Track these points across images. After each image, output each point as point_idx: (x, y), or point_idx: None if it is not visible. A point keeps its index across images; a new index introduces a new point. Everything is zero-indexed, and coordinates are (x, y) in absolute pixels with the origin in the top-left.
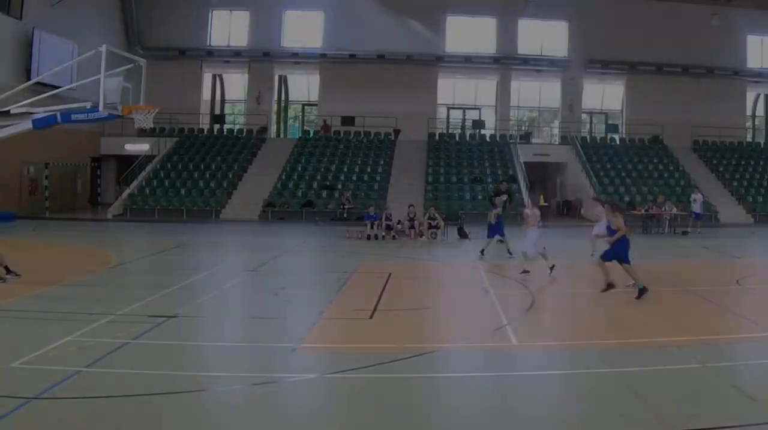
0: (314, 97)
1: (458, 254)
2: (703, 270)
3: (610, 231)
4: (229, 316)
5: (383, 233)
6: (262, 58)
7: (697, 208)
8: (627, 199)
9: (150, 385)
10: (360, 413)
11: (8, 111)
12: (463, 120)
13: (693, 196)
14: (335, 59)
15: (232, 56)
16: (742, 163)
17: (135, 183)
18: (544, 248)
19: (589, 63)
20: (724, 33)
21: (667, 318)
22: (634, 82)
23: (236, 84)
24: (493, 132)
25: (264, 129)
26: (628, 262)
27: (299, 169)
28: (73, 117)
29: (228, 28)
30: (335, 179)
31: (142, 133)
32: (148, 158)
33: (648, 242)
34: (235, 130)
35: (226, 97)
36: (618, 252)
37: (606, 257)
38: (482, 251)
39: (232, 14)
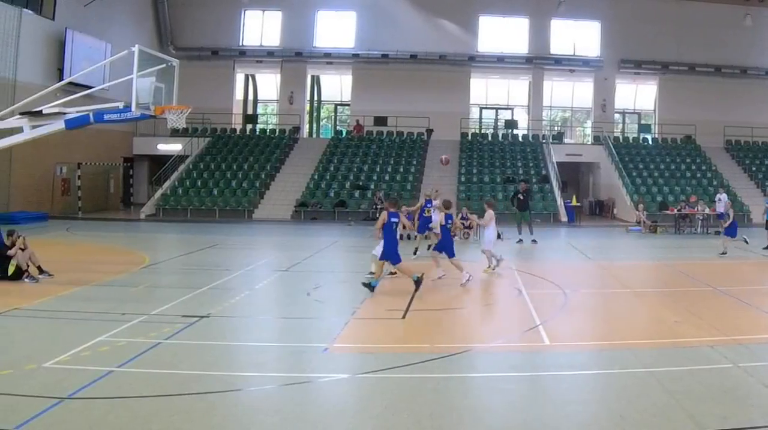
0: (347, 97)
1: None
2: (735, 270)
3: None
4: (262, 316)
5: (416, 233)
6: (295, 58)
7: (720, 207)
8: (660, 198)
9: (182, 385)
10: (392, 413)
11: (41, 111)
12: (496, 120)
13: (718, 195)
14: (368, 59)
15: (264, 56)
16: None
17: (167, 183)
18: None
19: (622, 63)
20: (757, 33)
21: (700, 318)
22: (667, 82)
23: (269, 84)
24: (525, 132)
25: (296, 129)
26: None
27: (332, 169)
28: (106, 117)
29: (260, 28)
30: (368, 179)
31: (175, 134)
32: (180, 158)
33: (680, 241)
34: (268, 130)
35: (259, 97)
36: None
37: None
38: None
39: (264, 14)
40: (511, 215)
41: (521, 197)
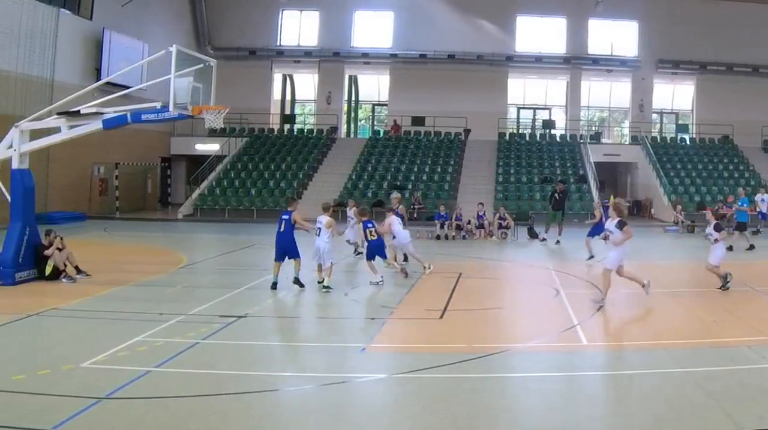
0: (384, 97)
1: (528, 254)
2: None
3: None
4: (299, 316)
5: (453, 233)
6: (332, 58)
7: (764, 208)
8: (697, 199)
9: (219, 385)
10: (429, 413)
11: (78, 111)
12: (533, 120)
13: (759, 195)
14: (405, 59)
15: (302, 56)
16: None
17: (205, 183)
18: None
19: (660, 63)
20: None
21: (738, 318)
22: (705, 82)
23: (306, 84)
24: (563, 132)
25: (334, 129)
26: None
27: (369, 169)
28: (143, 117)
29: (298, 28)
30: (405, 179)
31: (213, 134)
32: (218, 158)
33: None
34: (305, 130)
35: (297, 97)
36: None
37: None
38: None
39: (302, 14)
40: (548, 214)
41: (557, 197)
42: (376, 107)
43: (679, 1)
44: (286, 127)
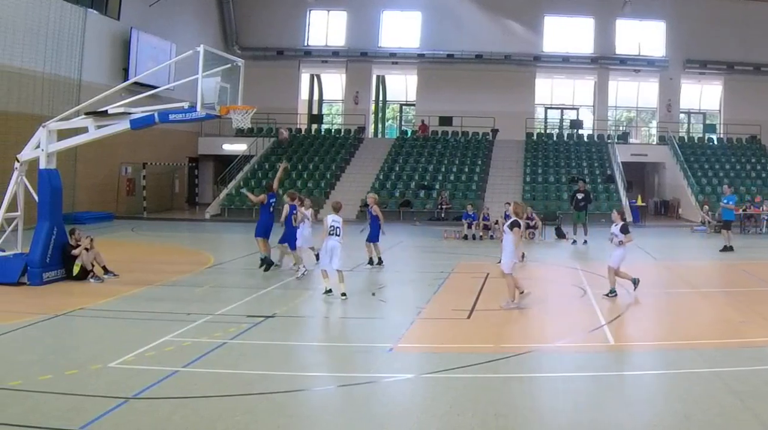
0: (412, 97)
1: (556, 254)
2: None
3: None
4: (327, 316)
5: (481, 233)
6: (360, 58)
7: None
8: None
9: (247, 385)
10: (457, 413)
11: (106, 111)
12: (561, 120)
13: None
14: (433, 59)
15: (329, 56)
16: None
17: (233, 183)
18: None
19: (687, 63)
20: None
21: (765, 318)
22: (732, 82)
23: (334, 84)
24: (590, 132)
25: (362, 129)
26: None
27: (397, 169)
28: (171, 117)
29: (326, 28)
30: (433, 179)
31: (240, 134)
32: (245, 158)
33: (746, 241)
34: (333, 130)
35: (324, 97)
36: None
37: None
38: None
39: (329, 14)
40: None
41: (579, 197)
42: (403, 107)
43: (707, 1)
44: (314, 127)
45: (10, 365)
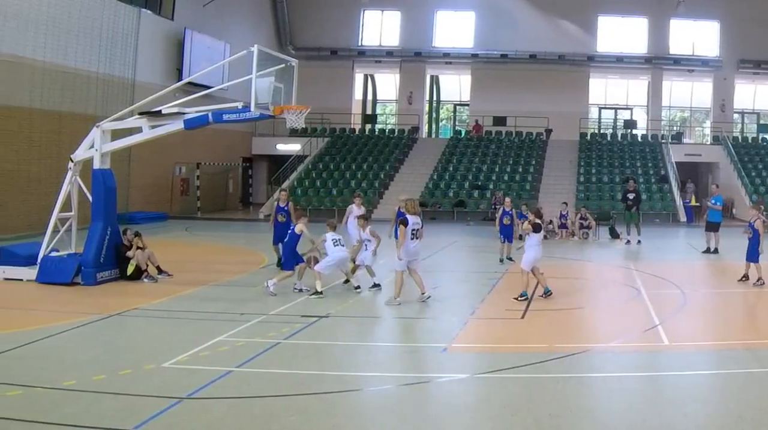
0: (466, 97)
1: (609, 254)
2: None
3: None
4: (380, 316)
5: None
6: (414, 58)
7: None
8: None
9: (301, 385)
10: (511, 413)
11: (160, 111)
12: (615, 120)
13: None
14: (486, 59)
15: (383, 56)
16: None
17: (286, 183)
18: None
19: (741, 63)
20: None
21: None
22: None
23: (388, 84)
24: (644, 132)
25: (415, 129)
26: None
27: (450, 169)
28: (225, 117)
29: (379, 28)
30: (486, 179)
31: (294, 134)
32: (299, 158)
33: None
34: (387, 130)
35: (378, 96)
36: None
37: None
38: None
39: (383, 14)
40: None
41: (629, 197)
42: (457, 107)
43: (761, 1)
44: (368, 127)
45: (64, 365)
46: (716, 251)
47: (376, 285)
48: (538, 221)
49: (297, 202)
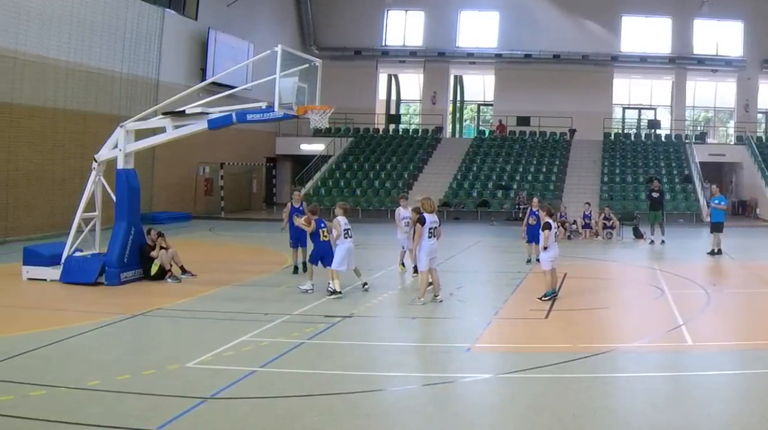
0: (489, 97)
1: (633, 254)
2: None
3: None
4: (404, 316)
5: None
6: (437, 58)
7: None
8: None
9: (325, 385)
10: (535, 413)
11: (183, 111)
12: (639, 120)
13: None
14: (510, 59)
15: (407, 56)
16: None
17: (310, 183)
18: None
19: (765, 63)
20: None
21: None
22: None
23: (411, 84)
24: (668, 132)
25: (439, 129)
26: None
27: (474, 169)
28: (249, 117)
29: (403, 28)
30: (510, 179)
31: (318, 134)
32: (323, 158)
33: None
34: (411, 130)
35: (402, 96)
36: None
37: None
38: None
39: (407, 14)
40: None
41: (654, 196)
42: (481, 107)
43: None
44: (392, 127)
45: (88, 364)
46: (719, 252)
47: (364, 284)
48: (548, 219)
49: (321, 202)
